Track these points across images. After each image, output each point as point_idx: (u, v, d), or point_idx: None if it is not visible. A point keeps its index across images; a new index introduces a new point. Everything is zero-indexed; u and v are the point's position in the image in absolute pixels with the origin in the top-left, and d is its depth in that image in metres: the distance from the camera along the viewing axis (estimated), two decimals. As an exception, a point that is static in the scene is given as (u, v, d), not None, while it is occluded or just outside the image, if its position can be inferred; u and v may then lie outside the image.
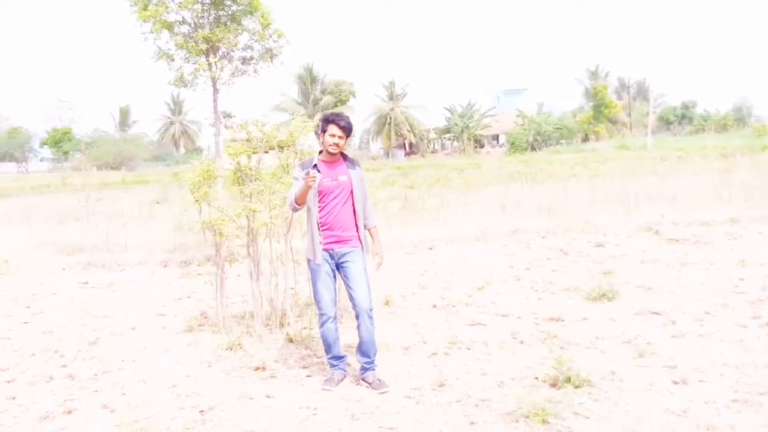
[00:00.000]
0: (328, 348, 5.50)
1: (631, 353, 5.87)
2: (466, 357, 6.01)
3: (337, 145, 5.36)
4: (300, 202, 5.29)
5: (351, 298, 5.35)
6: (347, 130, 5.38)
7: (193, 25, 16.17)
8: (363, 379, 5.40)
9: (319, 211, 5.37)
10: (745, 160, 23.66)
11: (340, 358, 5.53)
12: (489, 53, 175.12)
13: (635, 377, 5.28)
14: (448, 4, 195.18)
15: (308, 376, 5.69)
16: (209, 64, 15.78)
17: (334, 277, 5.45)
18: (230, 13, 16.30)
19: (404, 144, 78.06)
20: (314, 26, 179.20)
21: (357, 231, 5.45)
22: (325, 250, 5.37)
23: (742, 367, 5.41)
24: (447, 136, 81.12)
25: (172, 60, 16.30)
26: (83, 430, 4.76)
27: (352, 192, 5.42)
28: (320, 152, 5.50)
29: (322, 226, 5.37)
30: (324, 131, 5.37)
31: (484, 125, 76.45)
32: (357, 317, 5.32)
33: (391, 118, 74.27)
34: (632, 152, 46.84)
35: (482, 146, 78.98)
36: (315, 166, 5.35)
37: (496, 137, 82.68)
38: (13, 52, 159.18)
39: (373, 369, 5.41)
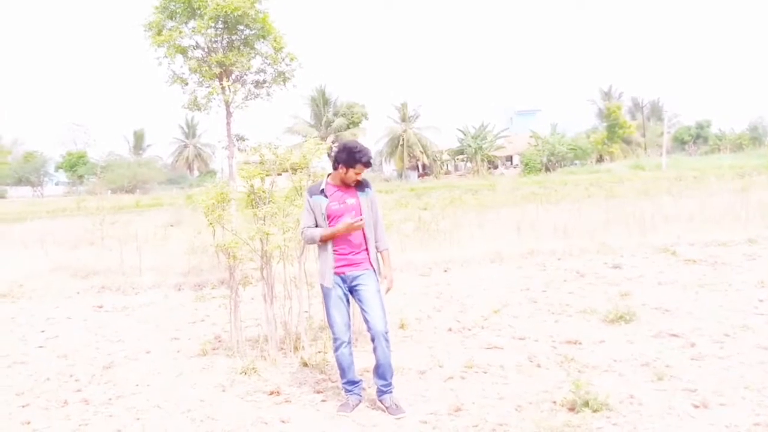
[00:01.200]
0: (342, 373, 5.45)
1: (650, 376, 5.79)
2: (483, 381, 5.95)
3: (358, 180, 5.40)
4: (329, 240, 5.32)
5: (366, 321, 5.30)
6: (370, 166, 5.40)
7: (206, 50, 16.28)
8: (380, 402, 5.35)
9: (330, 235, 5.36)
10: (762, 180, 23.49)
11: (355, 383, 5.47)
12: (502, 74, 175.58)
13: (654, 401, 5.21)
14: (461, 26, 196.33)
15: (323, 400, 5.64)
16: (222, 88, 15.85)
17: (348, 301, 5.41)
18: (243, 37, 16.42)
19: (417, 165, 78.23)
20: (327, 49, 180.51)
21: (368, 254, 5.41)
22: (337, 273, 5.34)
23: (764, 390, 5.32)
24: (460, 157, 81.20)
25: (186, 84, 16.40)
26: (97, 456, 4.72)
27: (361, 214, 5.39)
28: (329, 175, 5.50)
29: (333, 250, 5.34)
30: (348, 166, 5.31)
31: (498, 146, 76.52)
32: (373, 340, 5.27)
33: (403, 139, 74.45)
34: (647, 172, 46.77)
35: (496, 167, 79.03)
36: (323, 191, 5.37)
37: (509, 158, 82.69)
38: (29, 77, 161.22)
39: (390, 392, 5.35)
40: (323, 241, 5.32)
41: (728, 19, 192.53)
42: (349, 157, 5.28)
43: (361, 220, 5.26)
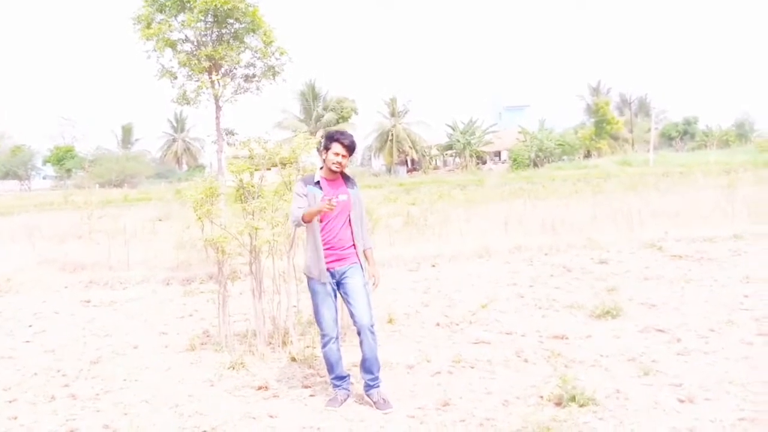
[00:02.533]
0: (330, 368, 5.46)
1: (636, 371, 5.83)
2: (471, 376, 5.97)
3: (340, 164, 5.35)
4: (307, 220, 5.28)
5: (351, 315, 5.32)
6: (351, 149, 5.38)
7: (196, 43, 16.16)
8: (368, 396, 5.36)
9: (320, 230, 5.36)
10: (748, 176, 23.58)
11: (343, 377, 5.49)
12: (491, 70, 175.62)
13: (640, 395, 5.25)
14: (450, 21, 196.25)
15: (311, 395, 5.65)
16: (212, 82, 15.75)
17: (335, 296, 5.42)
18: (233, 31, 16.30)
19: (406, 160, 78.15)
20: (317, 43, 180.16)
21: (355, 248, 5.44)
22: (326, 269, 5.35)
23: (749, 384, 5.37)
24: (449, 152, 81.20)
25: (175, 78, 16.26)
26: (84, 450, 4.72)
27: (351, 209, 5.43)
28: (321, 168, 5.51)
29: (323, 245, 5.35)
30: (327, 149, 5.37)
31: (486, 142, 76.53)
32: (359, 334, 5.29)
33: (392, 134, 74.34)
34: (634, 168, 46.95)
35: (484, 163, 79.10)
36: (317, 183, 5.36)
37: (498, 154, 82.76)
38: (17, 70, 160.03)
39: (378, 386, 5.36)
40: (305, 221, 5.28)
41: (716, 16, 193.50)
42: (328, 138, 5.38)
43: (337, 200, 5.23)
